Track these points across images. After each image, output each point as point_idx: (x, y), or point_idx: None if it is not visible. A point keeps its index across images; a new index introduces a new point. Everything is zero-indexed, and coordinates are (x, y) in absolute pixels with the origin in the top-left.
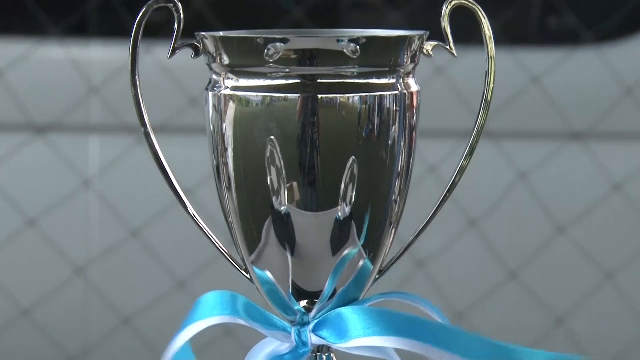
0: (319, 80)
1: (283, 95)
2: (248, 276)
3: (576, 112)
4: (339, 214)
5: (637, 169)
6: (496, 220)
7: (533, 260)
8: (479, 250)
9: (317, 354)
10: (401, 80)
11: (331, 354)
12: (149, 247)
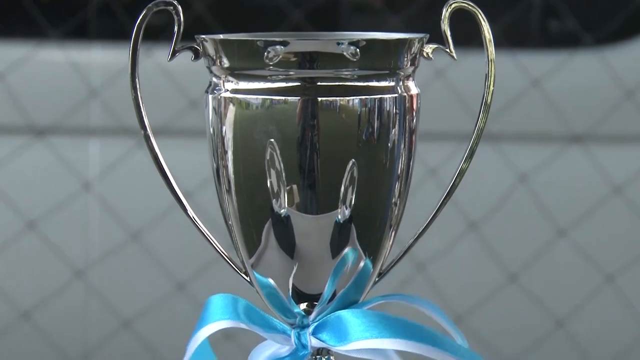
0: (319, 83)
1: (283, 97)
2: (248, 279)
3: (576, 114)
4: (339, 217)
5: (637, 172)
6: (496, 222)
7: (533, 263)
8: (479, 252)
9: (317, 356)
10: (401, 83)
11: (331, 357)
12: (149, 249)
